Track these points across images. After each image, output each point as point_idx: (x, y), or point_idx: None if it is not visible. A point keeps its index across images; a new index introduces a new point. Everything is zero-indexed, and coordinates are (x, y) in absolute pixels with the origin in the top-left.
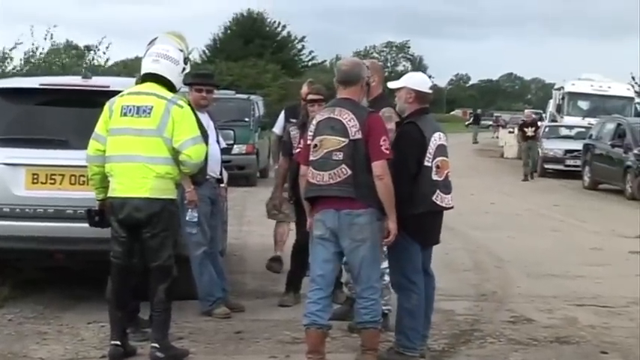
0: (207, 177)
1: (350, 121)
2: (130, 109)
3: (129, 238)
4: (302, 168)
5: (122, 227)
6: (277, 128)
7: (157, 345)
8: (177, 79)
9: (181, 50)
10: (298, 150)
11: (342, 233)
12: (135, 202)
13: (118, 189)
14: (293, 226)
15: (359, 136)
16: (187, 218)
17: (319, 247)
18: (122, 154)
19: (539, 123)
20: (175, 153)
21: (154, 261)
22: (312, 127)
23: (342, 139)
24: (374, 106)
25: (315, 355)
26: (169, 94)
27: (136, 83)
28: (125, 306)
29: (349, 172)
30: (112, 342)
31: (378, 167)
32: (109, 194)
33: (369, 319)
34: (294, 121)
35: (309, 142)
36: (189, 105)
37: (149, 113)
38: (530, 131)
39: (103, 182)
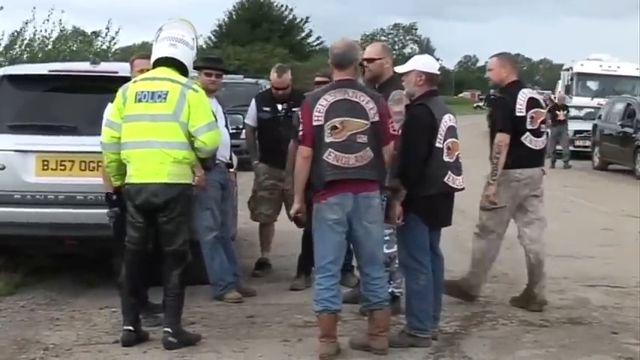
0: (217, 162)
1: (368, 103)
2: (145, 95)
3: (145, 224)
4: (304, 149)
5: (139, 213)
6: (250, 119)
7: (169, 330)
8: (190, 64)
9: (193, 37)
10: (301, 133)
11: (357, 217)
12: (152, 188)
13: (135, 175)
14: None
15: (377, 119)
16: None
17: (331, 231)
18: (138, 140)
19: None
20: (191, 138)
21: (169, 246)
22: (321, 109)
23: (365, 122)
24: (385, 88)
25: (328, 339)
26: (184, 79)
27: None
28: (138, 291)
29: (372, 154)
30: (125, 327)
31: (389, 150)
32: (127, 180)
33: (384, 298)
34: (267, 108)
35: (318, 123)
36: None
37: (165, 98)
38: (562, 114)
39: (120, 169)
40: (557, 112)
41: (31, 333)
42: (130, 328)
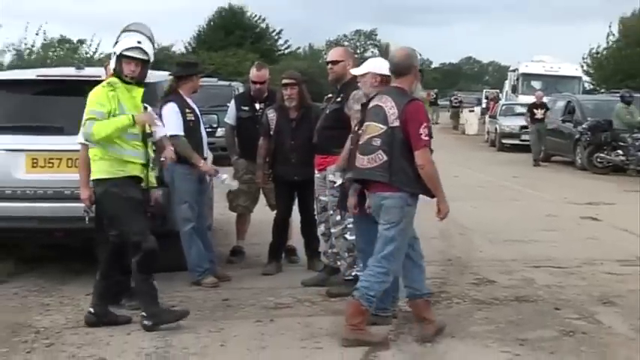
0: (205, 157)
1: (391, 108)
2: None
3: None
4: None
5: None
6: (229, 118)
7: (143, 313)
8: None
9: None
10: (351, 134)
11: (376, 212)
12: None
13: None
14: (258, 212)
15: (397, 123)
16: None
17: (364, 221)
18: None
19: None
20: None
21: (126, 236)
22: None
23: (382, 126)
24: (347, 88)
25: (425, 321)
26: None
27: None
28: (110, 276)
29: (385, 157)
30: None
31: (419, 157)
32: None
33: (358, 287)
34: (245, 108)
35: (355, 127)
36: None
37: None
38: (539, 113)
39: None
40: (535, 110)
41: (23, 317)
42: (91, 310)
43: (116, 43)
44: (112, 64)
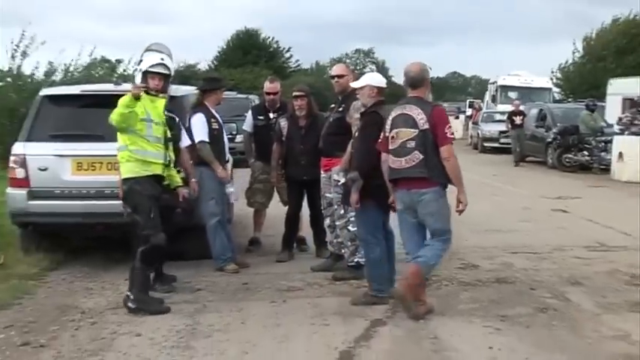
0: (227, 160)
1: (418, 114)
2: None
3: None
4: (383, 155)
5: None
6: (247, 126)
7: (128, 294)
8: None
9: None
10: (379, 140)
11: (415, 207)
12: None
13: None
14: (272, 208)
15: (426, 126)
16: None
17: (403, 217)
18: None
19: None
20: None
21: (138, 229)
22: (389, 122)
23: (413, 130)
24: (347, 100)
25: (418, 302)
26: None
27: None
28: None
29: (421, 156)
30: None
31: (445, 151)
32: None
33: (419, 255)
34: (261, 117)
35: (387, 134)
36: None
37: None
38: (518, 119)
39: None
40: (514, 117)
41: (71, 300)
42: (128, 293)
43: (140, 61)
44: (138, 80)
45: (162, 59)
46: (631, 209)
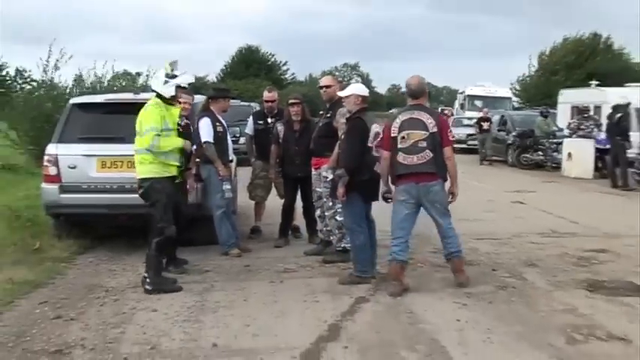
0: (230, 159)
1: (428, 119)
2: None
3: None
4: (385, 153)
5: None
6: (249, 129)
7: (145, 275)
8: (163, 90)
9: (167, 74)
10: (382, 139)
11: (422, 199)
12: (138, 182)
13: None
14: (270, 200)
15: (435, 130)
16: (225, 186)
17: (401, 207)
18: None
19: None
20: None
21: (154, 222)
22: (396, 124)
23: (424, 132)
24: (335, 107)
25: (397, 282)
26: (151, 102)
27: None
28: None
29: (431, 155)
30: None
31: (447, 151)
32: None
33: (456, 250)
34: (261, 122)
35: (393, 135)
36: (160, 103)
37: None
38: (486, 125)
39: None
40: (482, 123)
41: (97, 280)
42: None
43: (175, 76)
44: (171, 91)
45: (193, 79)
46: (579, 201)
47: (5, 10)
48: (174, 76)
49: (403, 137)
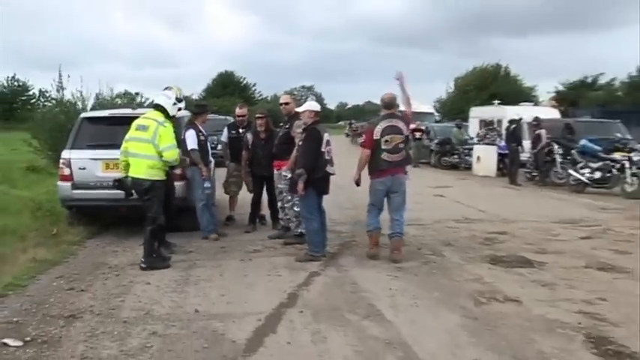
0: (210, 161)
1: (403, 126)
2: (139, 126)
3: (140, 199)
4: (366, 151)
5: (136, 192)
6: (224, 138)
7: (143, 259)
8: (171, 110)
9: (177, 97)
10: (365, 139)
11: (393, 188)
12: (136, 180)
13: (130, 171)
14: (242, 195)
15: (407, 133)
16: (205, 184)
17: (379, 194)
18: (132, 152)
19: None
20: (160, 153)
21: (149, 212)
22: (378, 130)
23: (402, 136)
24: (292, 120)
25: (375, 246)
26: (161, 118)
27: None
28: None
29: (405, 154)
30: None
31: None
32: (129, 173)
33: (399, 231)
34: (234, 132)
35: (376, 137)
36: (173, 124)
37: (146, 129)
38: (418, 134)
39: (126, 167)
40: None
41: (102, 259)
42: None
43: (180, 100)
44: (175, 111)
45: (159, 96)
46: (485, 194)
47: (31, 43)
48: (180, 100)
49: (387, 140)
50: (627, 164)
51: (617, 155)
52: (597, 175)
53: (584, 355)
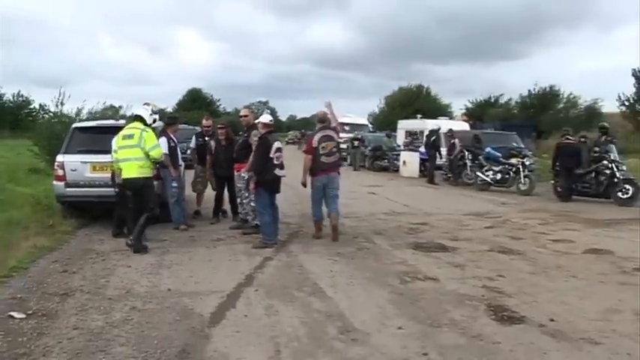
0: (180, 164)
1: (334, 134)
2: (125, 136)
3: (133, 195)
4: (308, 157)
5: (129, 190)
6: (192, 145)
7: (131, 237)
8: (148, 119)
9: (152, 110)
10: (306, 147)
11: (329, 185)
12: (131, 180)
13: (124, 174)
14: (207, 192)
15: (339, 140)
16: (173, 184)
17: (318, 189)
18: (123, 157)
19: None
20: (147, 154)
21: (144, 207)
22: (316, 138)
23: (335, 142)
24: (250, 129)
25: (319, 231)
26: (142, 126)
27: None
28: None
29: (338, 156)
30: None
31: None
32: (122, 177)
33: (335, 208)
34: (200, 139)
35: (314, 145)
36: (153, 130)
37: (132, 137)
38: (356, 143)
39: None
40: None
41: (90, 245)
42: (128, 241)
43: (155, 112)
44: (151, 121)
45: (141, 110)
46: (409, 192)
47: (31, 64)
48: (156, 113)
49: (323, 147)
50: (521, 168)
51: (513, 160)
52: (499, 176)
53: (485, 321)
